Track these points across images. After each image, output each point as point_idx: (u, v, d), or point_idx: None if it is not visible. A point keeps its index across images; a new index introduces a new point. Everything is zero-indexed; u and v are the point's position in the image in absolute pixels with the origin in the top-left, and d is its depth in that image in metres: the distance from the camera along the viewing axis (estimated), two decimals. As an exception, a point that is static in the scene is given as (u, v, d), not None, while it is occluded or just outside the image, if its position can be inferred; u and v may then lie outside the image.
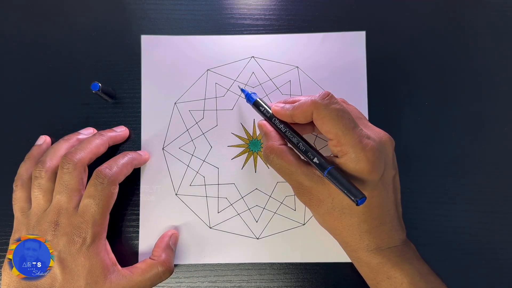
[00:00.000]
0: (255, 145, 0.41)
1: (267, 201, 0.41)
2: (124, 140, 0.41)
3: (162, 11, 0.43)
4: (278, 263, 0.40)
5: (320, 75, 0.42)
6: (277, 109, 0.35)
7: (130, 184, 0.40)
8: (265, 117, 0.37)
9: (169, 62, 0.42)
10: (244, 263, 0.40)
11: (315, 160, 0.32)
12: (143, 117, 0.42)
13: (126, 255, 0.40)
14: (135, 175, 0.40)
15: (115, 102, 0.42)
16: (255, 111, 0.38)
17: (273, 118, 0.36)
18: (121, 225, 0.40)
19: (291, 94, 0.42)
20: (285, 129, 0.35)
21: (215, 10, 0.43)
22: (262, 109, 0.37)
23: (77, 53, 0.43)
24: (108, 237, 0.37)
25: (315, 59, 0.42)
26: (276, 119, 0.36)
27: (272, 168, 0.35)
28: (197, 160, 0.41)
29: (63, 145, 0.38)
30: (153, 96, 0.42)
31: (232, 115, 0.41)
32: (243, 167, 0.41)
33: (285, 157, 0.34)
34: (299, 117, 0.33)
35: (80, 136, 0.39)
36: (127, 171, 0.38)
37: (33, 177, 0.36)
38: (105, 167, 0.36)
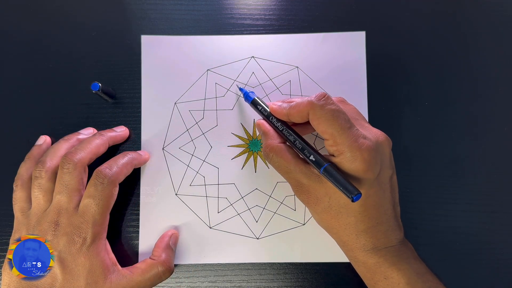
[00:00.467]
0: (255, 145, 0.41)
1: (267, 201, 0.41)
2: (124, 140, 0.41)
3: (162, 11, 0.43)
4: (278, 263, 0.40)
5: (320, 75, 0.42)
6: (275, 108, 0.35)
7: (130, 184, 0.40)
8: (263, 115, 0.37)
9: (169, 62, 0.42)
10: (244, 263, 0.40)
11: (311, 158, 0.32)
12: (143, 117, 0.42)
13: (126, 255, 0.40)
14: (135, 175, 0.40)
15: (115, 102, 0.42)
16: (255, 111, 0.38)
17: (271, 117, 0.36)
18: (121, 225, 0.40)
19: (291, 94, 0.42)
20: (282, 127, 0.35)
21: (215, 10, 0.43)
22: (260, 107, 0.37)
23: (77, 53, 0.43)
24: (108, 237, 0.37)
25: (315, 59, 0.42)
26: (273, 118, 0.36)
27: (272, 166, 0.36)
28: (197, 160, 0.41)
29: (63, 145, 0.38)
30: (153, 96, 0.42)
31: (232, 115, 0.41)
32: (243, 167, 0.41)
33: (283, 155, 0.34)
34: (295, 116, 0.34)
35: (80, 136, 0.39)
36: (127, 171, 0.38)
37: (33, 177, 0.36)
38: (105, 167, 0.36)
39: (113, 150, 0.41)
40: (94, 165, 0.37)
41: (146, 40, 0.42)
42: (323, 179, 0.33)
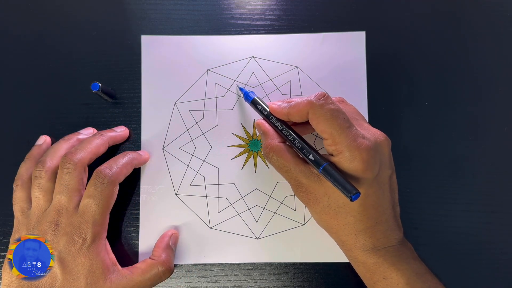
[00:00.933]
0: (255, 145, 0.41)
1: (267, 201, 0.41)
2: (124, 140, 0.41)
3: (162, 11, 0.43)
4: (278, 263, 0.40)
5: (320, 75, 0.42)
6: (274, 107, 0.36)
7: (130, 184, 0.40)
8: (263, 115, 0.37)
9: (169, 62, 0.42)
10: (244, 263, 0.40)
11: (310, 157, 0.32)
12: (143, 117, 0.42)
13: (126, 255, 0.40)
14: (135, 175, 0.40)
15: (115, 102, 0.42)
16: (255, 111, 0.38)
17: (270, 116, 0.36)
18: (121, 225, 0.40)
19: (291, 94, 0.42)
20: (281, 127, 0.35)
21: (215, 10, 0.43)
22: (260, 107, 0.37)
23: (77, 53, 0.43)
24: (108, 237, 0.37)
25: (315, 59, 0.42)
26: (273, 117, 0.36)
27: (271, 165, 0.36)
28: (197, 160, 0.41)
29: (63, 145, 0.38)
30: (153, 96, 0.42)
31: (232, 115, 0.41)
32: (243, 167, 0.41)
33: (283, 155, 0.34)
34: (295, 116, 0.34)
35: (80, 136, 0.39)
36: (127, 171, 0.38)
37: (33, 177, 0.36)
38: (105, 167, 0.36)
39: (113, 150, 0.41)
40: (94, 165, 0.37)
41: (146, 40, 0.42)
42: (322, 178, 0.33)
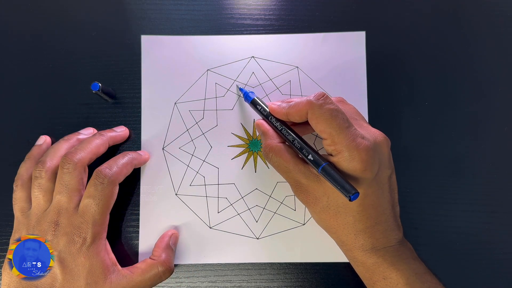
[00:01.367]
0: (255, 145, 0.41)
1: (267, 201, 0.41)
2: (124, 140, 0.41)
3: (162, 11, 0.43)
4: (278, 263, 0.40)
5: (320, 75, 0.42)
6: (274, 107, 0.36)
7: (130, 184, 0.40)
8: (262, 115, 0.37)
9: (169, 62, 0.42)
10: (244, 263, 0.40)
11: (309, 157, 0.32)
12: (143, 117, 0.42)
13: (126, 255, 0.40)
14: (135, 175, 0.40)
15: (115, 102, 0.42)
16: (255, 111, 0.38)
17: (270, 117, 0.36)
18: (121, 225, 0.40)
19: (291, 94, 0.42)
20: (281, 127, 0.35)
21: (215, 10, 0.43)
22: (259, 107, 0.37)
23: (77, 53, 0.43)
24: (108, 237, 0.37)
25: (315, 59, 0.42)
26: (272, 117, 0.36)
27: (271, 165, 0.36)
28: (197, 160, 0.41)
29: (63, 145, 0.38)
30: (153, 96, 0.42)
31: (232, 115, 0.41)
32: (243, 167, 0.41)
33: (283, 155, 0.34)
34: (295, 116, 0.34)
35: (80, 136, 0.39)
36: (127, 171, 0.38)
37: (33, 177, 0.36)
38: (105, 167, 0.36)
39: (113, 150, 0.41)
40: (94, 165, 0.37)
41: (146, 40, 0.42)
42: (322, 178, 0.33)
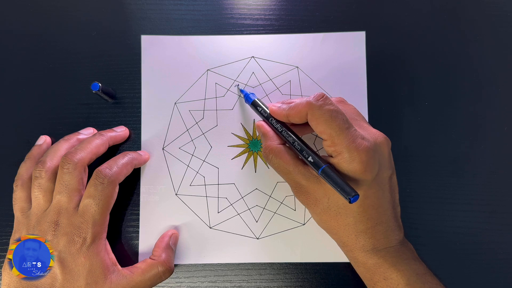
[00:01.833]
0: (255, 145, 0.41)
1: (267, 201, 0.41)
2: (124, 140, 0.41)
3: (162, 11, 0.43)
4: (278, 263, 0.40)
5: (320, 75, 0.42)
6: (274, 109, 0.36)
7: (130, 184, 0.40)
8: (263, 117, 0.37)
9: (169, 62, 0.42)
10: (244, 263, 0.40)
11: (309, 159, 0.32)
12: (143, 117, 0.42)
13: (126, 255, 0.40)
14: (135, 175, 0.40)
15: (115, 102, 0.42)
16: (255, 112, 0.38)
17: (270, 118, 0.36)
18: (121, 225, 0.40)
19: (291, 94, 0.42)
20: (281, 129, 0.35)
21: (215, 10, 0.43)
22: (260, 109, 0.37)
23: (77, 53, 0.43)
24: (108, 237, 0.37)
25: (315, 59, 0.42)
26: (273, 119, 0.36)
27: (271, 167, 0.36)
28: (197, 160, 0.41)
29: (63, 145, 0.38)
30: (153, 96, 0.42)
31: (232, 115, 0.41)
32: (243, 167, 0.41)
33: (283, 157, 0.34)
34: (295, 117, 0.34)
35: (80, 136, 0.39)
36: (127, 171, 0.38)
37: (33, 177, 0.36)
38: (105, 167, 0.36)
39: (113, 150, 0.41)
40: (94, 165, 0.37)
41: (146, 40, 0.42)
42: (322, 180, 0.33)
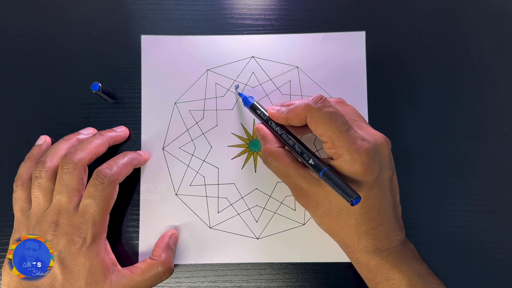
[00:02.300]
0: (255, 145, 0.41)
1: (267, 201, 0.41)
2: (124, 140, 0.41)
3: (162, 11, 0.43)
4: (278, 263, 0.40)
5: (320, 75, 0.42)
6: (273, 112, 0.36)
7: (130, 184, 0.40)
8: (262, 120, 0.37)
9: (169, 62, 0.42)
10: (244, 263, 0.40)
11: (310, 162, 0.32)
12: (143, 117, 0.42)
13: (126, 255, 0.40)
14: (135, 175, 0.40)
15: (115, 102, 0.42)
16: (254, 115, 0.38)
17: (270, 121, 0.36)
18: (121, 225, 0.40)
19: (291, 94, 0.42)
20: (281, 132, 0.35)
21: (215, 10, 0.43)
22: (259, 112, 0.37)
23: (77, 53, 0.43)
24: (108, 237, 0.37)
25: (315, 59, 0.42)
26: (272, 122, 0.36)
27: (271, 170, 0.36)
28: (197, 160, 0.41)
29: (63, 145, 0.38)
30: (153, 96, 0.42)
31: (232, 115, 0.41)
32: (243, 167, 0.41)
33: (282, 160, 0.34)
34: (294, 120, 0.34)
35: (80, 136, 0.39)
36: (127, 171, 0.38)
37: (33, 177, 0.36)
38: (105, 167, 0.36)
39: (113, 150, 0.41)
40: (94, 165, 0.37)
41: (146, 40, 0.42)
42: (322, 182, 0.32)
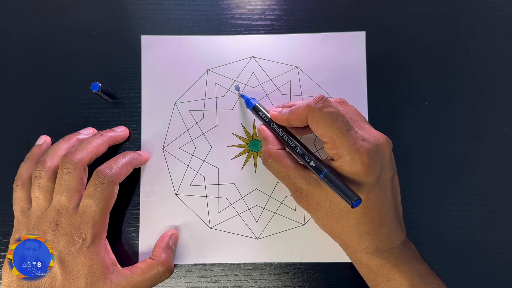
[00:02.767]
0: (255, 145, 0.41)
1: (267, 201, 0.41)
2: (124, 140, 0.41)
3: (162, 11, 0.43)
4: (278, 263, 0.40)
5: (320, 75, 0.42)
6: (275, 114, 0.36)
7: (130, 184, 0.40)
8: (264, 121, 0.37)
9: (169, 62, 0.42)
10: (244, 263, 0.40)
11: (311, 163, 0.32)
12: (143, 117, 0.42)
13: (126, 255, 0.40)
14: (135, 175, 0.40)
15: (115, 102, 0.42)
16: (256, 116, 0.39)
17: (271, 123, 0.36)
18: (121, 225, 0.40)
19: (291, 94, 0.42)
20: (282, 133, 0.35)
21: (215, 10, 0.43)
22: (261, 114, 0.37)
23: (77, 53, 0.43)
24: (108, 237, 0.37)
25: (315, 59, 0.42)
26: (274, 124, 0.36)
27: (271, 172, 0.36)
28: (197, 160, 0.41)
29: (63, 145, 0.38)
30: (153, 96, 0.42)
31: (232, 115, 0.41)
32: (243, 167, 0.41)
33: (282, 161, 0.34)
34: (295, 121, 0.34)
35: (80, 136, 0.39)
36: (127, 171, 0.38)
37: (33, 177, 0.36)
38: (105, 167, 0.36)
39: (113, 150, 0.41)
40: (94, 165, 0.37)
41: (146, 40, 0.42)
42: (323, 184, 0.32)
